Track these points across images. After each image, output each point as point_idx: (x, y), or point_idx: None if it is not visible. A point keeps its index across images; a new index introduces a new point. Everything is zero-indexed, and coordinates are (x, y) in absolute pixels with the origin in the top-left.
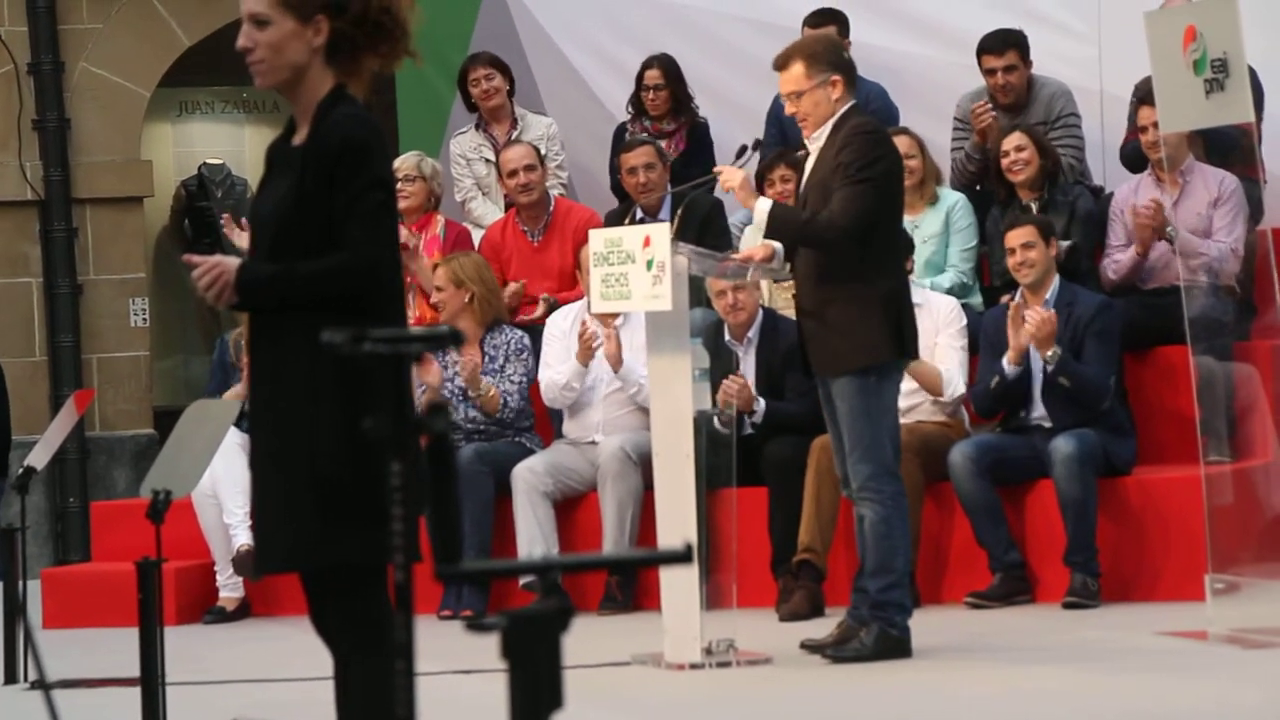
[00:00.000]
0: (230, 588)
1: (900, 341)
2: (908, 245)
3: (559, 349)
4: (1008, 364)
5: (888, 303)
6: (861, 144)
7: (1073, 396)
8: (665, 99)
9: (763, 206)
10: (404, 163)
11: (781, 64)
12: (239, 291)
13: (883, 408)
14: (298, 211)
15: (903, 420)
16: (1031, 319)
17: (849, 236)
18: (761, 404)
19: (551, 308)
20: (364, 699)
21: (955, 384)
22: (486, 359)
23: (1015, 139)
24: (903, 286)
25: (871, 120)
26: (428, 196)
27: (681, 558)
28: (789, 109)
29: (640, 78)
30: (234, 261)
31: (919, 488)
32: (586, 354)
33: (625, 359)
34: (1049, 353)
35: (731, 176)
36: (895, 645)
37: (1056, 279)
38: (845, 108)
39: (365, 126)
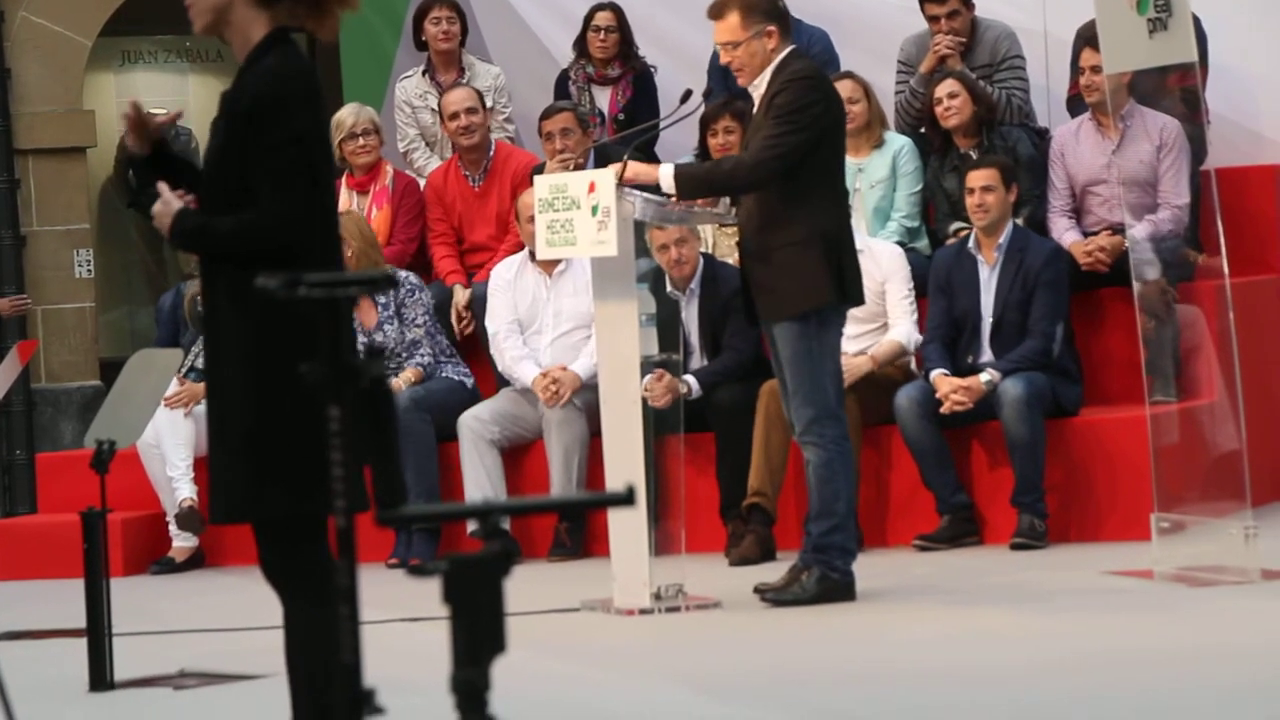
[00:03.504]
0: (183, 537)
1: (840, 285)
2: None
3: (505, 300)
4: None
5: (828, 246)
6: (796, 89)
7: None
8: (615, 42)
9: (665, 173)
10: (359, 116)
11: (716, 13)
12: (170, 237)
13: (824, 351)
14: (219, 165)
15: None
16: (949, 401)
17: (764, 174)
18: (691, 382)
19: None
20: (309, 646)
21: (911, 337)
22: (380, 308)
23: (948, 85)
24: (844, 231)
25: (809, 65)
26: (381, 148)
27: (623, 500)
28: (724, 58)
29: (589, 19)
30: (176, 206)
31: (858, 429)
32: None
33: (576, 368)
34: (985, 386)
35: (626, 173)
36: (837, 588)
37: (1010, 224)
38: (783, 54)
39: (283, 80)
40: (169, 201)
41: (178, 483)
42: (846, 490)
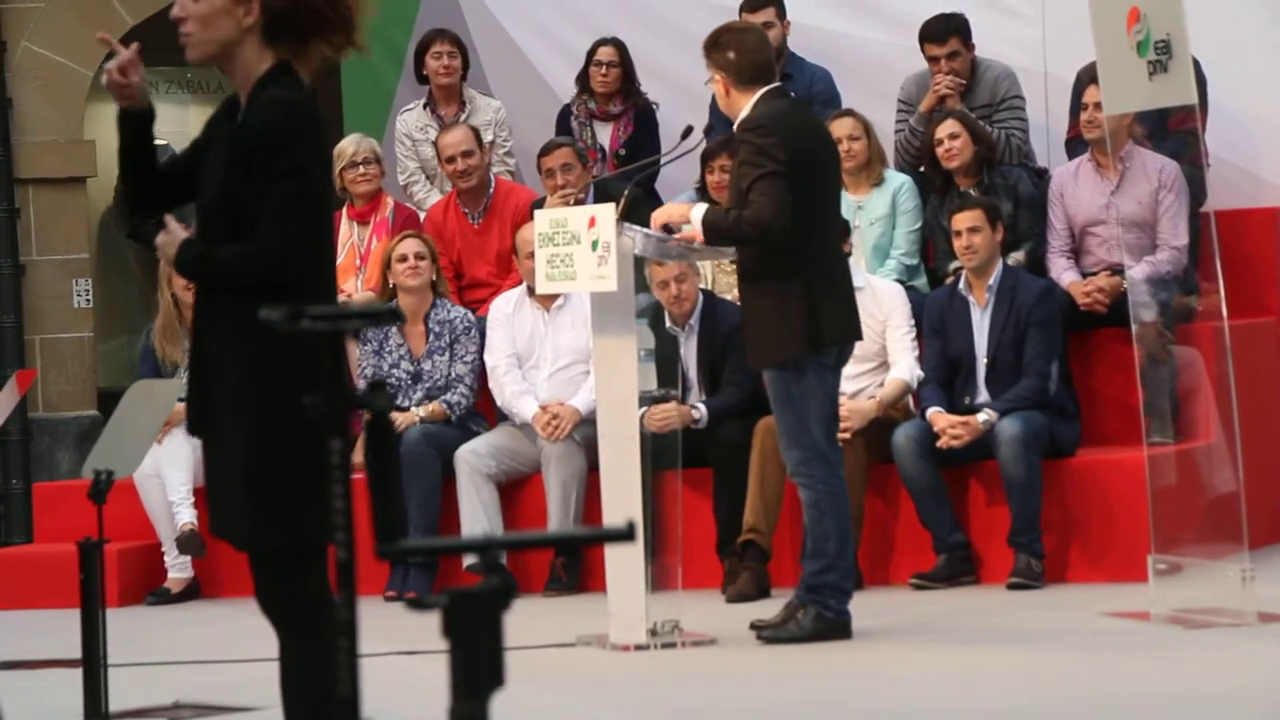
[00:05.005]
0: (178, 568)
1: (816, 334)
2: (844, 228)
3: (504, 334)
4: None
5: (807, 294)
6: (750, 143)
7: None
8: (617, 78)
9: (696, 216)
10: (360, 145)
11: None
12: (175, 267)
13: (805, 393)
14: (223, 193)
15: (849, 401)
16: (946, 435)
17: (779, 229)
18: (702, 410)
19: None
20: (304, 679)
21: (914, 375)
22: (431, 335)
23: (948, 126)
24: (828, 273)
25: (765, 111)
26: (381, 177)
27: (623, 536)
28: None
29: (591, 54)
30: (180, 236)
31: (863, 469)
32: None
33: (576, 403)
34: (982, 425)
35: (660, 215)
36: (832, 627)
37: (1000, 264)
38: (749, 103)
39: (289, 112)
40: (173, 231)
41: (178, 507)
42: (837, 530)
